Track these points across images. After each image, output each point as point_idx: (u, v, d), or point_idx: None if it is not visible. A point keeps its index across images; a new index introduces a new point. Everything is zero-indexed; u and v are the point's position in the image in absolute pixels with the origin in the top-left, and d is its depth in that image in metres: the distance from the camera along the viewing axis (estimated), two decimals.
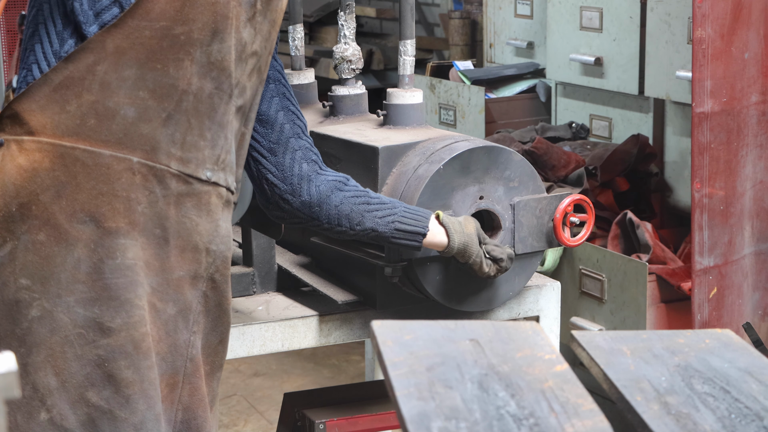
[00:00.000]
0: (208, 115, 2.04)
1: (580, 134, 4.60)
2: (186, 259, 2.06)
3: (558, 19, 4.63)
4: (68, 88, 1.97)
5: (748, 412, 1.39)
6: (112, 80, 1.97)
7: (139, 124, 1.99)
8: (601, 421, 1.33)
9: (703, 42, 3.21)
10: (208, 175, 2.06)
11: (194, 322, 2.09)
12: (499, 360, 1.48)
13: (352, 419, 2.76)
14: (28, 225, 1.97)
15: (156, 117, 2.00)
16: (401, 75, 2.78)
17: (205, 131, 2.04)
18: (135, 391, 2.00)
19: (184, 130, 2.02)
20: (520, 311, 2.82)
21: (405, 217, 2.40)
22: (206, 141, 2.05)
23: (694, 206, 3.29)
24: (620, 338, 1.61)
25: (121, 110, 1.98)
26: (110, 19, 2.00)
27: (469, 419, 1.31)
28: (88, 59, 1.97)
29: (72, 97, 1.97)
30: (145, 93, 1.98)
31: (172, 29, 1.98)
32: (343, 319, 2.70)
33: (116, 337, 1.98)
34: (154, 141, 2.00)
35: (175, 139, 2.01)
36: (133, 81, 1.98)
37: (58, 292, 1.97)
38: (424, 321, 1.59)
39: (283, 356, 5.14)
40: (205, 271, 2.09)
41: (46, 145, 1.97)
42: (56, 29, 2.03)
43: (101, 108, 1.97)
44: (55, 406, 1.98)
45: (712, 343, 1.60)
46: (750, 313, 3.48)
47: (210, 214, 2.08)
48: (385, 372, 1.43)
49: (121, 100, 1.98)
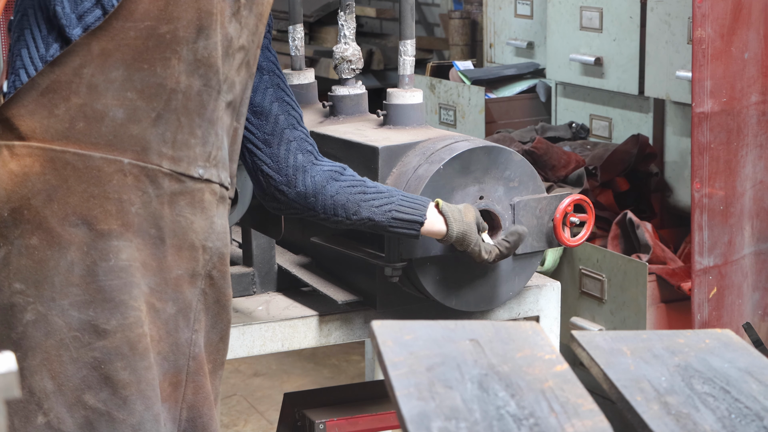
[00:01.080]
0: (198, 112, 2.04)
1: (580, 134, 4.60)
2: (183, 258, 2.06)
3: (558, 19, 4.63)
4: (56, 92, 1.97)
5: (748, 412, 1.39)
6: (99, 82, 1.97)
7: (128, 125, 1.99)
8: (601, 421, 1.33)
9: (703, 42, 3.21)
10: (200, 172, 2.06)
11: (195, 320, 2.09)
12: (499, 360, 1.48)
13: (352, 419, 2.76)
14: (20, 230, 1.98)
15: (145, 117, 1.99)
16: (401, 75, 2.78)
17: (195, 129, 2.04)
18: (132, 392, 2.00)
19: (175, 128, 2.02)
20: (520, 311, 2.82)
21: (402, 206, 2.40)
22: (197, 138, 2.05)
23: (694, 206, 3.30)
24: (620, 338, 1.61)
25: (110, 112, 1.98)
26: (93, 21, 1.99)
27: (469, 419, 1.31)
28: (74, 62, 1.97)
29: (60, 101, 1.97)
30: (134, 94, 1.98)
31: (157, 28, 1.98)
32: (343, 319, 2.70)
33: (112, 338, 1.98)
34: (145, 141, 2.00)
35: (165, 139, 2.01)
36: (121, 82, 1.98)
37: (52, 296, 1.97)
38: (424, 321, 1.59)
39: (283, 356, 5.14)
40: (202, 269, 2.09)
41: (36, 150, 1.97)
42: (41, 33, 2.03)
43: (89, 111, 1.97)
44: (52, 410, 1.98)
45: (712, 343, 1.60)
46: (750, 313, 3.48)
47: (204, 212, 2.08)
48: (385, 372, 1.43)
49: (110, 102, 1.98)
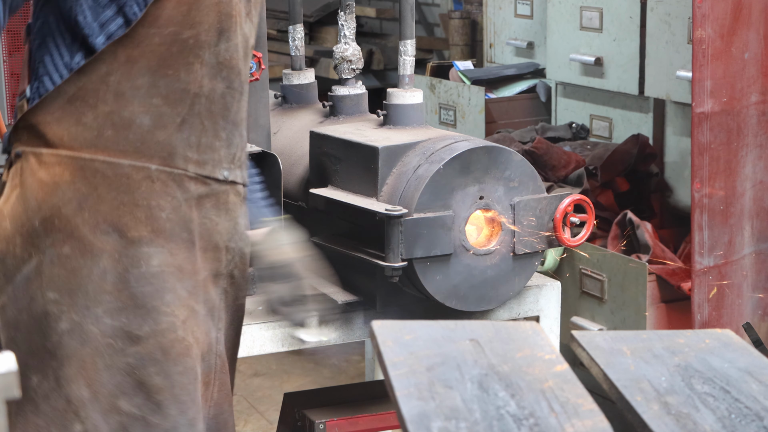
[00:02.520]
0: (222, 114, 2.06)
1: (580, 134, 4.60)
2: (208, 259, 2.08)
3: (558, 19, 4.63)
4: (83, 99, 1.98)
5: (748, 412, 1.39)
6: (125, 90, 1.98)
7: (155, 132, 2.00)
8: (601, 421, 1.33)
9: (703, 42, 3.21)
10: (225, 174, 2.08)
11: (219, 319, 2.12)
12: (499, 360, 1.48)
13: (352, 419, 2.76)
14: (51, 239, 1.98)
15: (171, 123, 2.01)
16: (401, 75, 2.78)
17: (219, 131, 2.06)
18: (166, 397, 2.01)
19: (199, 132, 2.03)
20: (520, 311, 2.82)
21: None
22: (222, 141, 2.06)
23: (694, 206, 3.30)
24: (620, 338, 1.61)
25: (137, 119, 1.99)
26: (115, 29, 2.00)
27: (469, 419, 1.31)
28: (101, 70, 1.98)
29: (87, 109, 1.98)
30: (159, 100, 1.99)
31: (181, 34, 1.99)
32: (343, 319, 2.70)
33: (144, 344, 2.00)
34: (171, 147, 2.01)
35: (190, 143, 2.03)
36: (146, 89, 1.99)
37: (86, 304, 1.98)
38: (424, 321, 1.59)
39: (283, 356, 5.14)
40: (225, 269, 2.11)
41: (65, 159, 1.98)
42: (65, 42, 2.04)
43: (117, 118, 1.98)
44: (88, 418, 1.99)
45: (712, 343, 1.60)
46: (750, 313, 3.48)
47: (229, 213, 2.10)
48: (385, 372, 1.43)
49: (136, 109, 1.99)
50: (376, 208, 2.55)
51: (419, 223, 2.55)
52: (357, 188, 2.67)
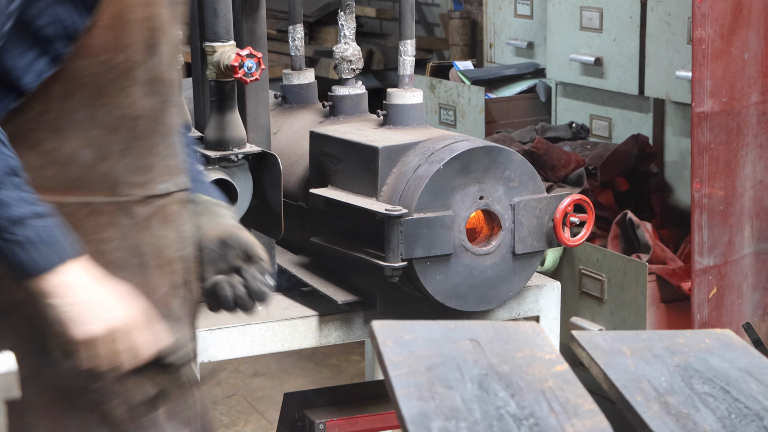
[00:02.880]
0: (158, 130, 2.01)
1: (580, 134, 4.60)
2: (164, 275, 2.04)
3: (558, 19, 4.63)
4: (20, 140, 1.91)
5: (748, 412, 1.39)
6: (63, 126, 1.92)
7: (97, 164, 1.94)
8: (601, 421, 1.33)
9: (703, 42, 3.21)
10: (161, 187, 2.02)
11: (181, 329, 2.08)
12: (499, 360, 1.48)
13: (352, 419, 2.76)
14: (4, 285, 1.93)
15: (113, 152, 1.95)
16: (401, 75, 2.79)
17: (156, 147, 2.01)
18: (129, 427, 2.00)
19: (141, 154, 1.98)
20: (520, 311, 2.82)
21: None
22: (159, 156, 2.01)
23: (694, 206, 3.30)
24: (620, 338, 1.61)
25: (78, 154, 1.93)
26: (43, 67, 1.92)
27: (469, 419, 1.31)
28: (35, 109, 1.92)
29: (25, 150, 1.92)
30: (99, 131, 1.94)
31: (114, 59, 1.93)
32: (343, 319, 2.70)
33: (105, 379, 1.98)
34: (114, 176, 1.96)
35: (133, 168, 1.97)
36: (85, 122, 1.93)
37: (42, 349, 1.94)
38: (424, 321, 1.59)
39: (283, 356, 5.14)
40: (180, 278, 2.07)
41: None
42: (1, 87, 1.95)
43: (57, 156, 1.93)
44: None
45: (712, 343, 1.60)
46: (750, 313, 3.48)
47: (174, 223, 2.05)
48: (385, 372, 1.43)
49: (76, 144, 1.93)
50: (376, 208, 2.55)
51: (419, 223, 2.55)
52: (357, 188, 2.67)
